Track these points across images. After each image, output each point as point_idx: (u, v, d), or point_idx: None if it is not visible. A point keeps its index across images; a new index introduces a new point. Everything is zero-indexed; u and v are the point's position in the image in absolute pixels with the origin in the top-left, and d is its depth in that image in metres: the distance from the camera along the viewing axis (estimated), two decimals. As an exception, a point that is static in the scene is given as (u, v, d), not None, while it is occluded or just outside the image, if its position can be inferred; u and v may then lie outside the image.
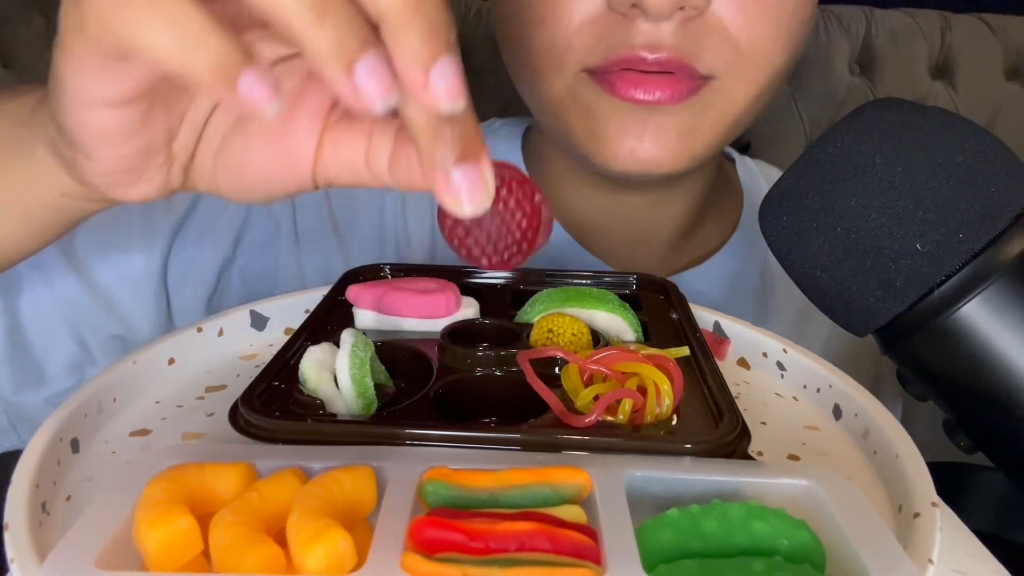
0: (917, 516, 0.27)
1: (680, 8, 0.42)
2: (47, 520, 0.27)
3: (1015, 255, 0.31)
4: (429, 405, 0.31)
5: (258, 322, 0.41)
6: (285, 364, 0.33)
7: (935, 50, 1.33)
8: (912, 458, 0.30)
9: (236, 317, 0.40)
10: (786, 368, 0.39)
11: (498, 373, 0.33)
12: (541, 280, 0.43)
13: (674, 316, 0.40)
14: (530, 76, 0.48)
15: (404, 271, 0.43)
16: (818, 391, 0.37)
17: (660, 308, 0.41)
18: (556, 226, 0.57)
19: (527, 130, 0.62)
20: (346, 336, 0.32)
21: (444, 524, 0.23)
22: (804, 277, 0.35)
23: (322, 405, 0.30)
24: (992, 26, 1.34)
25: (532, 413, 0.30)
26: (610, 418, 0.29)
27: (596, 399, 0.30)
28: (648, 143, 0.45)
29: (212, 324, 0.39)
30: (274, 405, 0.30)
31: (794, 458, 0.32)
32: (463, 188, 0.25)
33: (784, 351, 0.39)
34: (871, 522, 0.24)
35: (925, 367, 0.34)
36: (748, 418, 0.30)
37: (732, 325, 0.41)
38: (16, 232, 0.34)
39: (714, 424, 0.30)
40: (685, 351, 0.34)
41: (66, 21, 0.23)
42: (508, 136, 0.61)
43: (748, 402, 0.37)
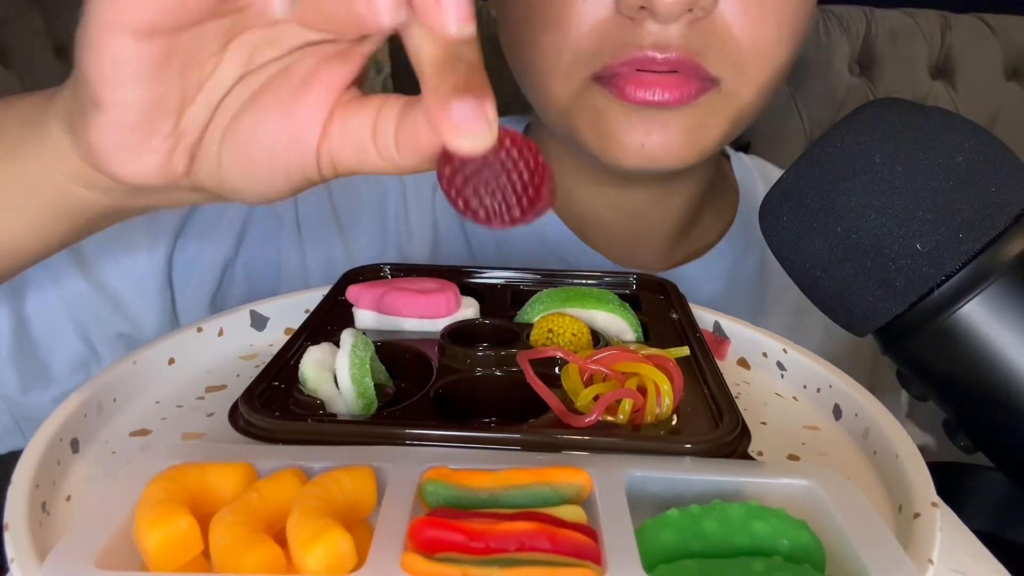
0: (917, 516, 0.27)
1: (688, 10, 0.42)
2: (47, 520, 0.27)
3: (1015, 255, 0.31)
4: (429, 405, 0.31)
5: (258, 322, 0.41)
6: (285, 364, 0.33)
7: (935, 50, 1.33)
8: (912, 458, 0.30)
9: (236, 317, 0.40)
10: (786, 368, 0.39)
11: (498, 373, 0.33)
12: (541, 280, 0.43)
13: (674, 316, 0.40)
14: (536, 80, 0.48)
15: (404, 271, 0.43)
16: (818, 391, 0.37)
17: (660, 308, 0.41)
18: (557, 221, 0.58)
19: (527, 127, 0.62)
20: (346, 336, 0.32)
21: (444, 524, 0.23)
22: (804, 277, 0.35)
23: (322, 405, 0.30)
24: (992, 26, 1.34)
25: (532, 413, 0.30)
26: (610, 418, 0.29)
27: (596, 399, 0.30)
28: (656, 137, 0.45)
29: (212, 324, 0.39)
30: (274, 405, 0.30)
31: (794, 458, 0.32)
32: (464, 119, 0.25)
33: (784, 351, 0.39)
34: (871, 522, 0.24)
35: (925, 367, 0.34)
36: (748, 418, 0.30)
37: (732, 325, 0.41)
38: (19, 222, 0.34)
39: (714, 424, 0.30)
40: (685, 351, 0.34)
41: None
42: None
43: (748, 402, 0.37)
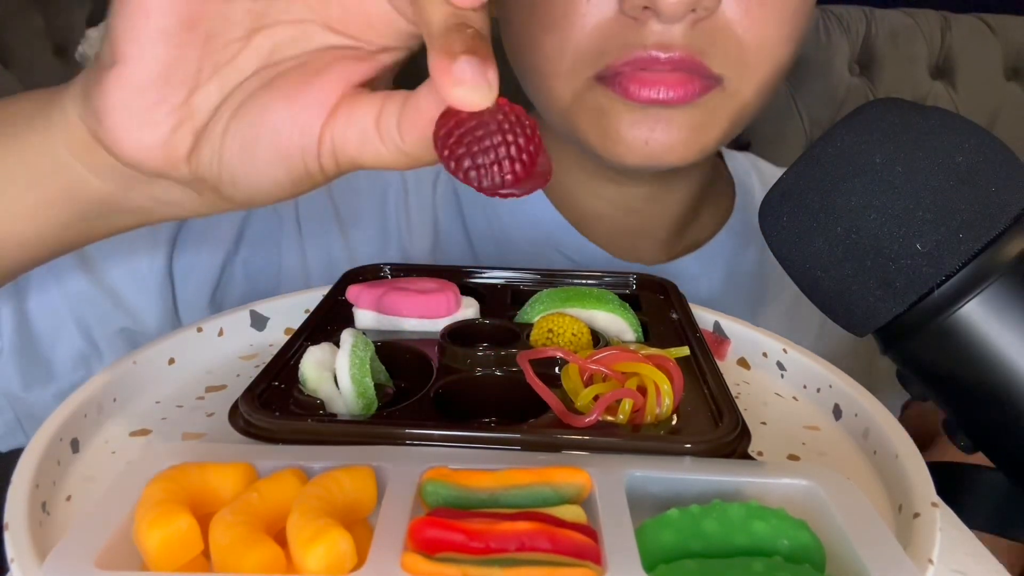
0: (917, 516, 0.27)
1: (692, 10, 0.42)
2: (47, 520, 0.27)
3: (1015, 255, 0.31)
4: (429, 405, 0.31)
5: (258, 322, 0.41)
6: (285, 364, 0.33)
7: (935, 50, 1.33)
8: (912, 458, 0.30)
9: (236, 317, 0.40)
10: (786, 368, 0.39)
11: (498, 373, 0.33)
12: (541, 280, 0.43)
13: (674, 316, 0.40)
14: (539, 79, 0.48)
15: (404, 271, 0.44)
16: (818, 391, 0.37)
17: (660, 308, 0.41)
18: (558, 216, 0.58)
19: None
20: (346, 336, 0.32)
21: (444, 524, 0.23)
22: (804, 277, 0.35)
23: (322, 405, 0.30)
24: (992, 26, 1.34)
25: (532, 413, 0.30)
26: (610, 418, 0.29)
27: (596, 399, 0.30)
28: (659, 135, 0.46)
29: (212, 324, 0.39)
30: (274, 405, 0.30)
31: (794, 458, 0.32)
32: (464, 73, 0.25)
33: (784, 351, 0.39)
34: (871, 522, 0.24)
35: (925, 367, 0.34)
36: (748, 418, 0.30)
37: (732, 325, 0.41)
38: (21, 203, 0.34)
39: (714, 424, 0.30)
40: (685, 351, 0.34)
41: None
42: None
43: (748, 402, 0.37)
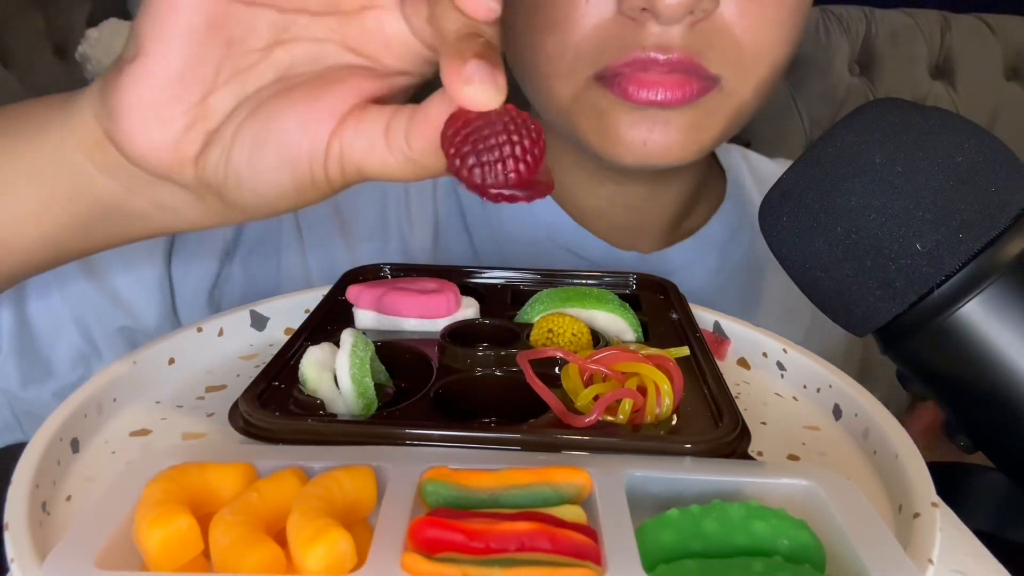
0: (917, 516, 0.27)
1: (690, 12, 0.42)
2: (47, 520, 0.27)
3: (1015, 255, 0.31)
4: (429, 405, 0.31)
5: (258, 322, 0.41)
6: (285, 364, 0.33)
7: (935, 50, 1.34)
8: (912, 458, 0.30)
9: (236, 317, 0.40)
10: (786, 368, 0.39)
11: (498, 373, 0.33)
12: (541, 280, 0.43)
13: (674, 316, 0.40)
14: (538, 80, 0.49)
15: (404, 271, 0.44)
16: (818, 391, 0.37)
17: (660, 308, 0.41)
18: (561, 212, 0.58)
19: None
20: (346, 336, 0.32)
21: (444, 524, 0.23)
22: (804, 277, 0.35)
23: (322, 405, 0.30)
24: (992, 26, 1.35)
25: (532, 413, 0.30)
26: (610, 418, 0.29)
27: (596, 399, 0.30)
28: (658, 136, 0.46)
29: (212, 324, 0.39)
30: (274, 405, 0.30)
31: (794, 458, 0.32)
32: (474, 73, 0.26)
33: (784, 351, 0.39)
34: (871, 522, 0.24)
35: (925, 367, 0.34)
36: (748, 418, 0.30)
37: (732, 325, 0.41)
38: (32, 199, 0.34)
39: (714, 424, 0.30)
40: (685, 351, 0.34)
41: None
42: None
43: (748, 402, 0.37)
